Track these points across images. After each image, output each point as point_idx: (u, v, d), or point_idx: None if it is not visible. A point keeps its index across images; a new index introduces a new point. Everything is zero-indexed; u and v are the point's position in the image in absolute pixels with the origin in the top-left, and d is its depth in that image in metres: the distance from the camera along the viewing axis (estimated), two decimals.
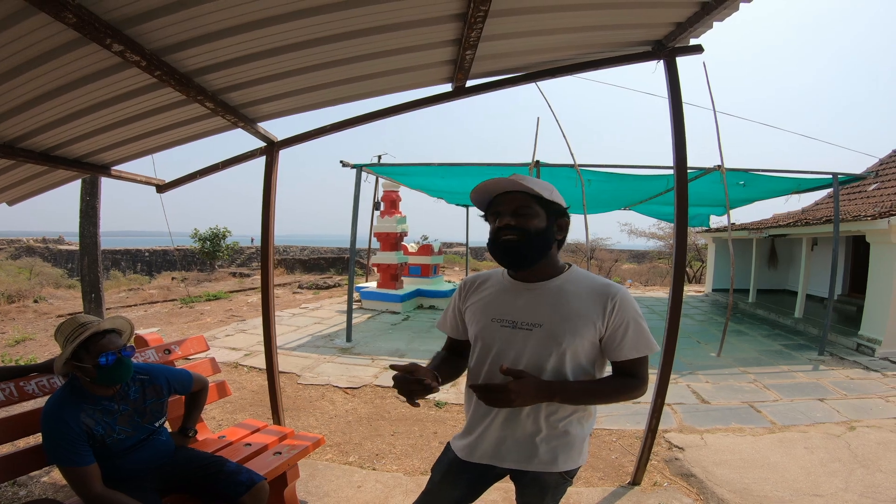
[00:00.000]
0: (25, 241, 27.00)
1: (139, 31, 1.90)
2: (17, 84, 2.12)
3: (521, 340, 1.55)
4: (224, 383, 3.20)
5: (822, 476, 3.46)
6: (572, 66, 2.94)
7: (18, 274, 15.63)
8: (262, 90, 2.65)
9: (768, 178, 7.83)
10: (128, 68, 2.11)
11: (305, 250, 29.21)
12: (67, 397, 2.01)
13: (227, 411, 4.67)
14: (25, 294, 11.60)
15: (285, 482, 2.77)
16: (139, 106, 2.54)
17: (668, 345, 3.06)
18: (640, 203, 10.86)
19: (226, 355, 6.60)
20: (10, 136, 2.64)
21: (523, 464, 1.60)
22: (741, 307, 11.73)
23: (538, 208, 1.52)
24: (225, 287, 14.23)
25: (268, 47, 2.20)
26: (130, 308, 10.70)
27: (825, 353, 7.20)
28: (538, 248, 1.53)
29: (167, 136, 3.06)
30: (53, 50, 1.92)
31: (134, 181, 3.75)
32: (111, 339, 2.04)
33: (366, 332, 8.47)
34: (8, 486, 3.08)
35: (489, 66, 2.85)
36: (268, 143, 3.37)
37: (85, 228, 8.54)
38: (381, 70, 2.65)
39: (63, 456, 1.92)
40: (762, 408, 4.91)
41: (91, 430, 1.98)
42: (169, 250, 26.11)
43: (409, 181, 10.07)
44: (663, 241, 24.45)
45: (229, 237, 20.71)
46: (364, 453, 3.86)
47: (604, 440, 4.14)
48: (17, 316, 9.32)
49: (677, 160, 2.93)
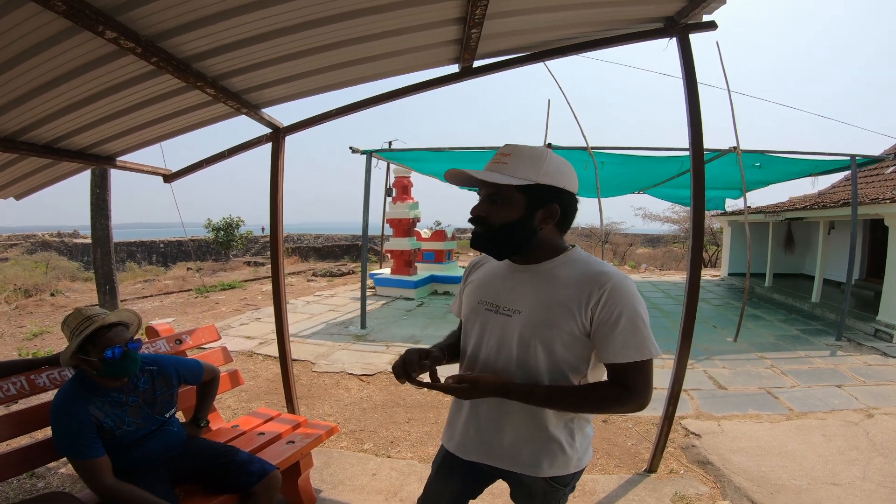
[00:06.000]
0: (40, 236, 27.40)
1: (132, 17, 1.86)
2: (12, 76, 2.09)
3: (500, 326, 1.44)
4: (236, 372, 3.18)
5: (840, 464, 3.39)
6: (581, 45, 2.83)
7: (35, 268, 15.89)
8: (263, 75, 2.60)
9: (785, 160, 7.67)
10: (124, 56, 2.07)
11: (320, 238, 29.34)
12: (76, 390, 2.00)
13: (242, 400, 4.69)
14: (42, 288, 11.78)
15: (298, 471, 2.77)
16: (139, 94, 2.50)
17: (685, 329, 2.99)
18: (654, 186, 10.68)
19: (240, 344, 6.64)
20: (10, 129, 2.63)
21: (503, 463, 1.50)
22: (757, 291, 11.55)
23: (515, 195, 1.35)
24: (239, 276, 14.34)
25: (266, 30, 2.14)
26: (146, 299, 10.81)
27: (843, 339, 7.07)
28: (509, 241, 1.39)
29: (170, 124, 3.03)
30: (46, 40, 1.88)
31: (140, 171, 3.74)
32: (117, 333, 2.02)
33: (380, 318, 8.46)
34: (26, 478, 3.11)
35: (496, 46, 2.76)
36: (273, 130, 3.33)
37: (96, 221, 8.63)
38: (386, 51, 2.58)
39: (72, 448, 1.91)
40: (779, 394, 4.83)
41: (100, 423, 1.97)
42: (183, 241, 26.30)
43: (421, 167, 9.97)
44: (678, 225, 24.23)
45: (242, 226, 20.84)
46: (379, 441, 3.85)
47: (620, 426, 4.09)
48: (35, 310, 9.47)
49: (693, 142, 2.83)
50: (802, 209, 10.07)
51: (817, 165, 8.25)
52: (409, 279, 10.54)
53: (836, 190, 12.41)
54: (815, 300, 9.45)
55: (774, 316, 8.91)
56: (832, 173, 9.38)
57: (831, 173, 9.33)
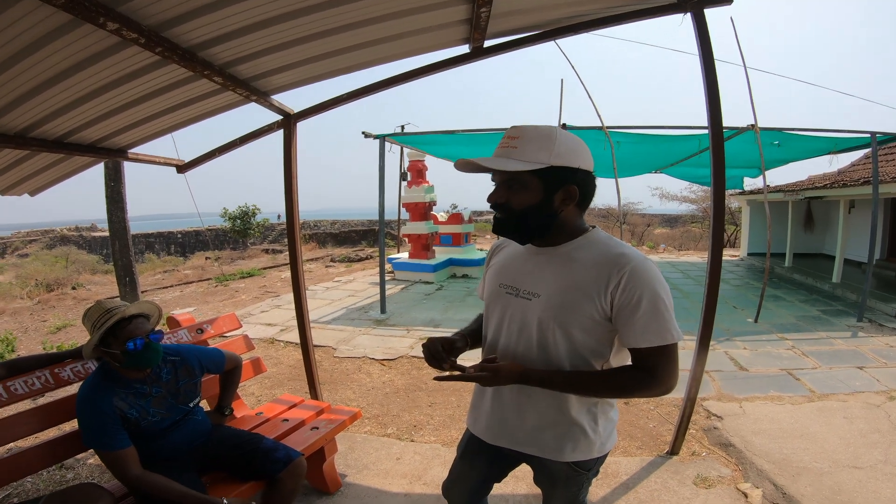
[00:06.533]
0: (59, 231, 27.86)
1: (133, 7, 1.83)
2: (17, 72, 2.09)
3: (520, 310, 1.42)
4: (259, 360, 3.19)
5: (862, 447, 3.34)
6: (593, 22, 2.74)
7: (55, 263, 16.16)
8: (271, 61, 2.56)
9: (804, 138, 7.46)
10: (128, 47, 2.05)
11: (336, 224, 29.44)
12: (100, 382, 2.01)
13: (265, 387, 4.74)
14: (63, 282, 11.98)
15: (323, 457, 2.79)
16: (146, 85, 2.49)
17: (707, 311, 2.94)
18: (671, 165, 10.48)
19: (262, 331, 6.70)
20: (20, 125, 2.63)
21: (526, 448, 1.50)
22: (777, 272, 11.37)
23: (531, 179, 1.31)
24: (258, 264, 14.46)
25: (271, 15, 2.10)
26: (166, 289, 10.96)
27: (864, 320, 6.92)
28: (531, 225, 1.36)
29: (180, 114, 3.02)
30: (48, 34, 1.87)
31: (153, 163, 3.75)
32: (138, 324, 2.03)
33: (400, 303, 8.48)
34: (56, 470, 3.17)
35: (506, 25, 2.69)
36: (284, 116, 3.30)
37: (113, 214, 8.72)
38: (394, 33, 2.53)
39: (98, 440, 1.93)
40: (801, 375, 4.76)
41: (125, 414, 1.99)
42: (201, 231, 26.53)
43: (434, 150, 9.87)
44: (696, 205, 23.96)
45: (259, 214, 20.97)
46: (402, 425, 3.87)
47: (641, 408, 4.07)
48: (57, 304, 9.64)
49: (712, 119, 2.75)
50: (822, 188, 9.86)
51: (837, 143, 8.03)
52: (427, 263, 10.56)
53: (855, 168, 12.12)
54: (835, 280, 9.27)
55: (795, 296, 8.77)
56: (852, 151, 9.15)
57: (851, 151, 9.09)
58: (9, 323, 8.05)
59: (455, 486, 1.78)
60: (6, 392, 2.06)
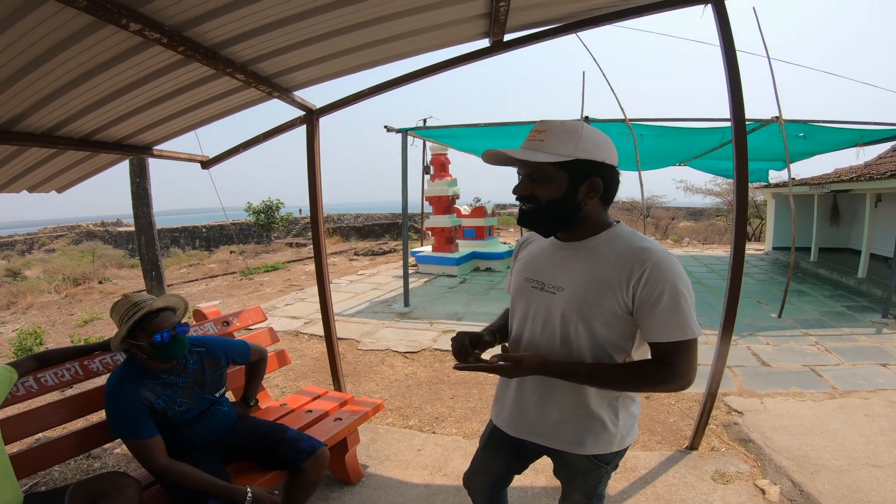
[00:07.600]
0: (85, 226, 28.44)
1: (155, 8, 1.86)
2: (43, 73, 2.14)
3: (545, 304, 1.44)
4: (283, 352, 3.23)
5: (882, 445, 3.28)
6: (613, 14, 2.70)
7: (82, 258, 16.50)
8: (292, 58, 2.59)
9: (829, 130, 7.32)
10: (150, 47, 2.09)
11: (360, 217, 29.48)
12: (127, 373, 2.06)
13: (289, 378, 4.81)
14: (90, 276, 12.23)
15: (346, 447, 2.83)
16: (170, 84, 2.53)
17: (729, 306, 2.91)
18: (695, 158, 10.32)
19: (286, 324, 6.78)
20: (46, 125, 2.69)
21: (547, 440, 1.51)
22: (802, 266, 11.13)
23: (556, 172, 1.33)
24: (282, 258, 14.57)
25: (292, 12, 2.12)
26: (192, 283, 11.12)
27: (889, 316, 6.74)
28: (556, 217, 1.38)
29: (203, 111, 3.06)
30: (72, 35, 1.91)
31: (178, 159, 3.81)
32: (165, 317, 2.08)
33: (423, 296, 8.51)
34: (83, 459, 3.26)
35: (526, 18, 2.67)
36: (307, 112, 3.34)
37: (138, 210, 8.87)
38: (415, 28, 2.53)
39: (126, 430, 1.98)
40: (823, 372, 4.67)
41: (152, 404, 2.04)
42: (225, 225, 26.79)
43: (457, 143, 9.86)
44: (721, 198, 23.52)
45: (282, 209, 21.15)
46: (424, 417, 3.91)
47: (662, 402, 4.05)
48: (84, 297, 9.87)
49: (734, 112, 2.71)
50: (848, 181, 9.58)
51: (863, 135, 7.85)
52: (450, 256, 10.56)
53: (882, 161, 11.78)
54: (861, 275, 9.04)
55: (819, 291, 8.58)
56: (879, 143, 8.94)
57: (878, 143, 8.89)
58: (37, 316, 8.27)
59: (476, 477, 1.81)
60: (37, 383, 2.11)
